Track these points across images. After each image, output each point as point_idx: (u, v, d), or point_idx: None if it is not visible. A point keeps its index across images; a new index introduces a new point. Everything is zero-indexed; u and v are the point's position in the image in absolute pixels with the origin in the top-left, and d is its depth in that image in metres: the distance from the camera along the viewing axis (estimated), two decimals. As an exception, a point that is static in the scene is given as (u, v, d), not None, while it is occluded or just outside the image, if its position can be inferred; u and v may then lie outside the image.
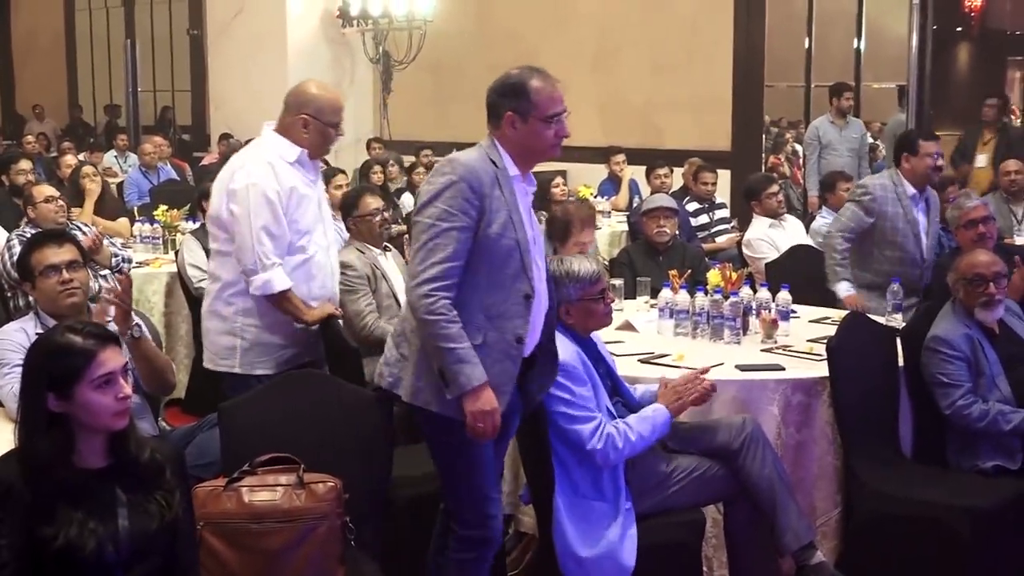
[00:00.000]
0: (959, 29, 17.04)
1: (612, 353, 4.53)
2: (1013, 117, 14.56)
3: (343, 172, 8.59)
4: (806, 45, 11.51)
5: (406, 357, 3.40)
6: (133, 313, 3.97)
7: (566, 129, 3.46)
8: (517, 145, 3.40)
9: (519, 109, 3.39)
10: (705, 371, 3.93)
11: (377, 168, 10.09)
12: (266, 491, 3.28)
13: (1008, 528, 4.07)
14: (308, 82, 4.44)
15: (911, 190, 5.82)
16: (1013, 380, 4.36)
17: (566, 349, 3.66)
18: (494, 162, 3.34)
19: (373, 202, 5.48)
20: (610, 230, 9.01)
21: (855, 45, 11.97)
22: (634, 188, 10.37)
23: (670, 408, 3.80)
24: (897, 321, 5.20)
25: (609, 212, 9.55)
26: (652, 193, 8.63)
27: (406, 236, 8.33)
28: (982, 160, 10.33)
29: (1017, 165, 7.99)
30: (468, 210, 3.24)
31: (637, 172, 10.13)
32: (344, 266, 5.23)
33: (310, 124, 4.29)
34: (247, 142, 12.71)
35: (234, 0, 13.74)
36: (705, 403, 3.92)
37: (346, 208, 5.58)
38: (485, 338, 3.28)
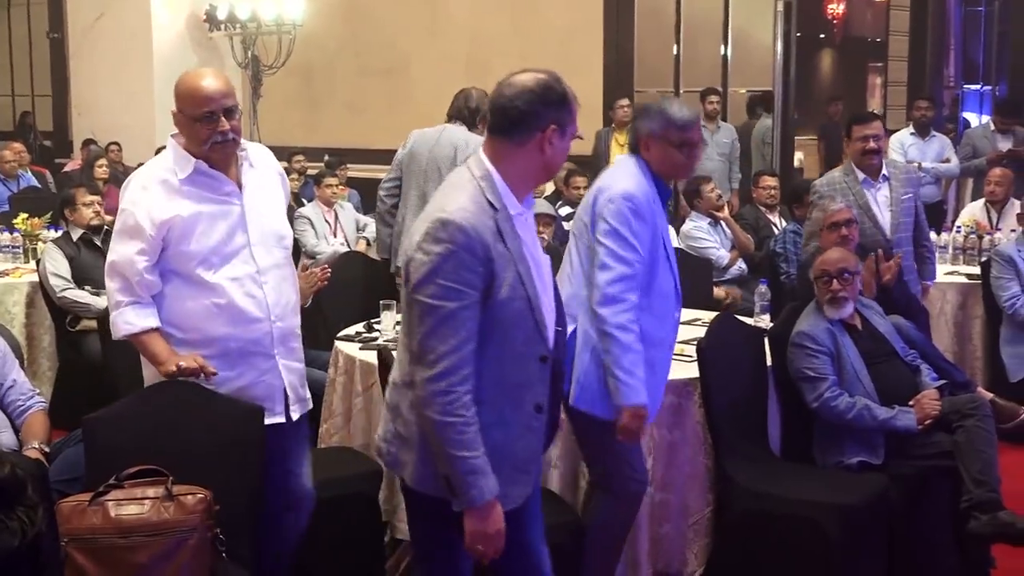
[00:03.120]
0: (822, 36, 17.49)
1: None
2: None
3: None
4: (674, 52, 11.69)
5: (404, 437, 2.88)
6: None
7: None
8: (538, 167, 2.86)
9: (562, 121, 2.83)
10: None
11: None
12: (133, 504, 3.21)
13: (873, 523, 4.18)
14: (188, 71, 3.59)
15: (862, 175, 5.70)
16: (875, 375, 4.49)
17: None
18: (492, 204, 2.76)
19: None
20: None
21: (722, 52, 12.19)
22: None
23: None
24: (765, 322, 5.31)
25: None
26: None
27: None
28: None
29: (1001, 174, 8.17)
30: (474, 282, 2.69)
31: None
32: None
33: (180, 121, 3.49)
34: (108, 146, 12.33)
35: (96, 2, 13.41)
36: None
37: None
38: (501, 415, 2.79)
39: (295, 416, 3.67)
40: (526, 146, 2.79)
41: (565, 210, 8.84)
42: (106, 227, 6.64)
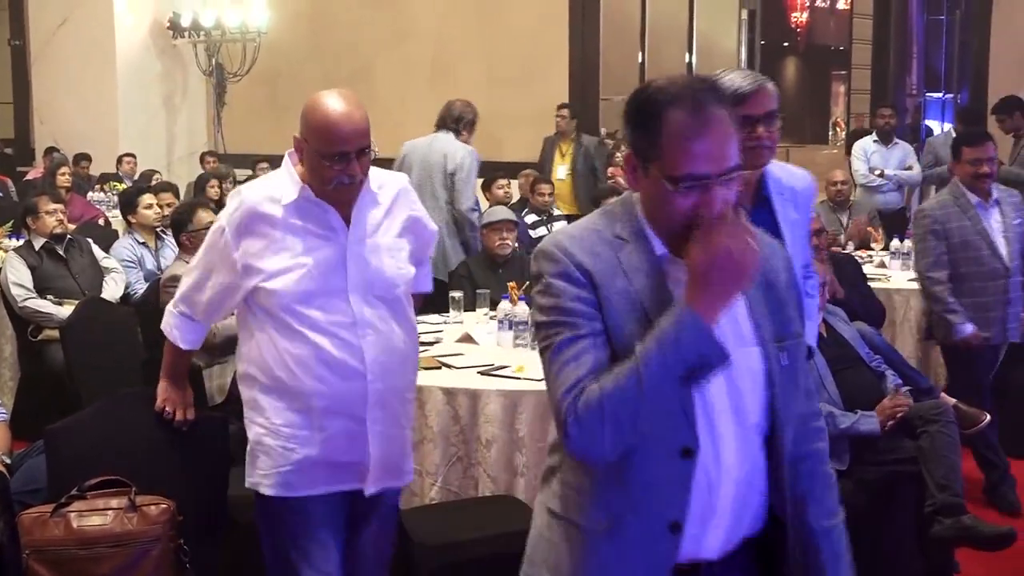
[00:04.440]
0: (786, 44, 17.62)
1: (450, 366, 4.54)
2: (838, 129, 15.11)
3: (170, 191, 8.43)
4: (639, 59, 11.74)
5: None
6: None
7: None
8: None
9: None
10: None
11: (214, 182, 9.90)
12: (96, 516, 3.19)
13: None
14: (325, 92, 3.05)
15: (974, 198, 5.36)
16: (840, 381, 4.50)
17: None
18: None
19: (207, 216, 5.38)
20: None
21: (687, 59, 12.27)
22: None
23: None
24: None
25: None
26: (491, 205, 8.67)
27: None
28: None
29: (844, 175, 8.25)
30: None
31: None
32: (177, 279, 5.09)
33: (302, 149, 3.04)
34: (77, 160, 12.22)
35: (59, 10, 13.31)
36: None
37: (179, 223, 5.46)
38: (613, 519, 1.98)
39: (369, 491, 3.12)
40: None
41: (531, 218, 8.85)
42: (69, 236, 6.59)
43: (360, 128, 2.97)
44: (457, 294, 5.61)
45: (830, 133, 19.33)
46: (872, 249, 7.91)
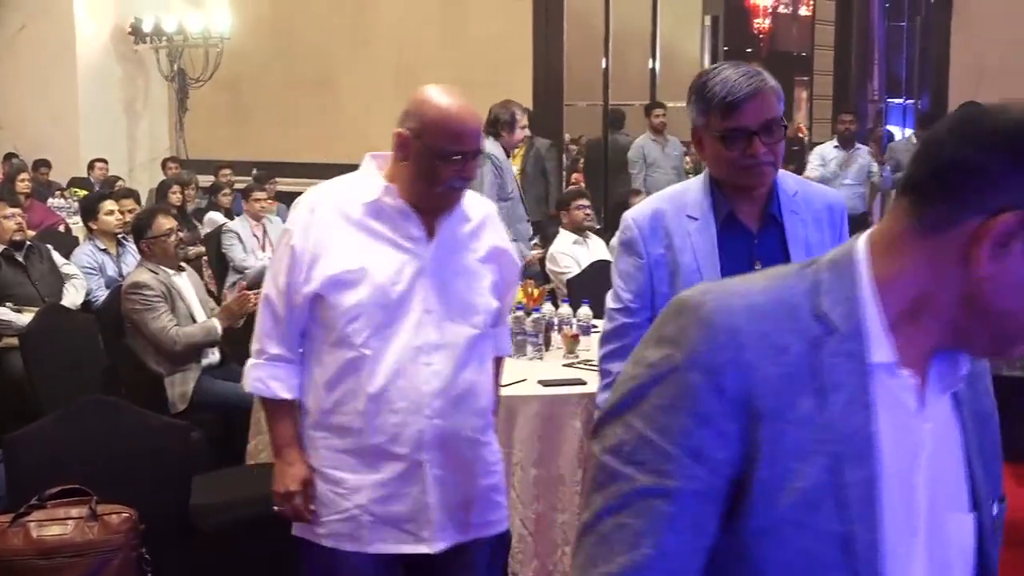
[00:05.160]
0: (749, 50, 17.71)
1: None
2: (800, 134, 15.20)
3: (132, 197, 8.38)
4: (603, 65, 11.76)
5: None
6: None
7: None
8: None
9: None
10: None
11: (176, 188, 9.83)
12: (56, 525, 3.15)
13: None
14: (434, 86, 2.72)
15: None
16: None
17: None
18: None
19: (167, 222, 5.37)
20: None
21: (650, 65, 12.30)
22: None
23: None
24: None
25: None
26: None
27: (205, 258, 8.17)
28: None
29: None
30: None
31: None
32: (139, 286, 5.13)
33: (410, 145, 2.65)
34: (37, 166, 12.10)
35: (17, 14, 13.18)
36: None
37: (139, 230, 5.45)
38: None
39: (435, 548, 2.74)
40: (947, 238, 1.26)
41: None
42: (28, 242, 6.52)
43: (479, 128, 2.72)
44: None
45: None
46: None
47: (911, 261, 1.20)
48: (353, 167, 2.80)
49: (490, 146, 6.93)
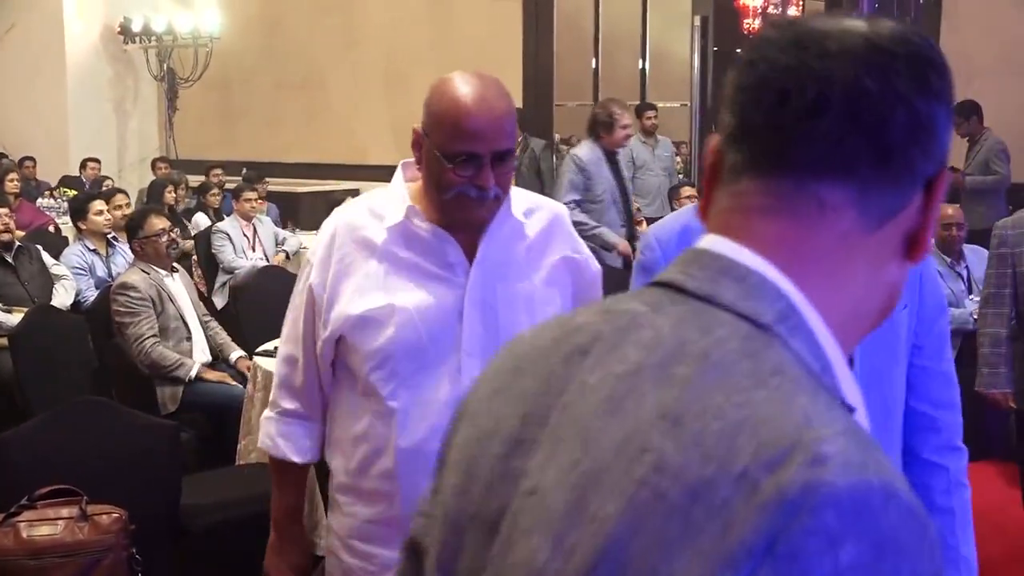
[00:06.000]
0: (739, 51, 17.74)
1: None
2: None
3: (124, 192, 8.35)
4: (593, 66, 11.78)
5: None
6: None
7: None
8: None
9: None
10: None
11: (170, 188, 9.83)
12: (46, 525, 3.15)
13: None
14: (461, 72, 2.20)
15: None
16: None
17: None
18: None
19: (159, 222, 5.37)
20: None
21: (640, 66, 12.33)
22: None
23: None
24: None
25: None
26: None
27: (194, 257, 8.17)
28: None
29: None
30: None
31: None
32: (126, 287, 5.12)
33: (420, 146, 2.17)
34: (22, 161, 12.06)
35: (7, 14, 13.16)
36: None
37: (131, 229, 5.44)
38: None
39: None
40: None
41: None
42: (18, 243, 6.52)
43: (499, 122, 2.10)
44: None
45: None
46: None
47: (850, 273, 0.90)
48: (342, 167, 2.78)
49: (584, 148, 6.96)
